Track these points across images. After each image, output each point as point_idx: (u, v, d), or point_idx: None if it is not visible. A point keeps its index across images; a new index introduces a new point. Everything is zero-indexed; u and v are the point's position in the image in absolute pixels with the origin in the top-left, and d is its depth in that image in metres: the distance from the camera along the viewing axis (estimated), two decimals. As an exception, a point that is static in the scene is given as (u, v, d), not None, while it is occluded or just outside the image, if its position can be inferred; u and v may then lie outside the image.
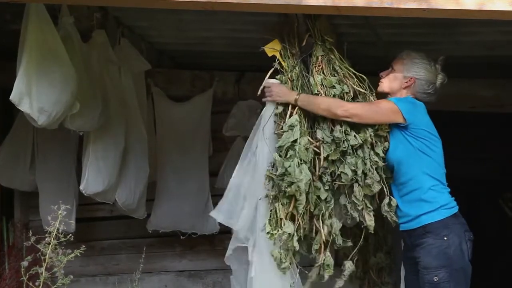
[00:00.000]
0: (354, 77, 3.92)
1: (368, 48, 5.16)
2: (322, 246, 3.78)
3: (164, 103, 5.67)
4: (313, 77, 3.94)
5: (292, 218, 3.74)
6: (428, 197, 3.80)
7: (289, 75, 3.94)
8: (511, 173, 7.65)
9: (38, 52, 3.89)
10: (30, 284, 3.64)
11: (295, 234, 3.71)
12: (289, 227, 3.70)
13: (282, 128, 3.82)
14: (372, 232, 3.87)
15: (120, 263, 6.01)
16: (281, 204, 3.73)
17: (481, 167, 8.33)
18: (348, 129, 3.79)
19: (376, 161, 3.78)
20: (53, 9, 4.10)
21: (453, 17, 3.59)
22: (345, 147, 3.76)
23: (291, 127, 3.78)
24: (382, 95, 4.07)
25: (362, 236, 3.95)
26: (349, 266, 3.87)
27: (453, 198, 3.87)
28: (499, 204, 8.30)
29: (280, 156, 3.74)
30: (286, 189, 3.68)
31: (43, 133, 5.12)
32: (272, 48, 3.93)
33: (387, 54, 4.09)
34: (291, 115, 3.83)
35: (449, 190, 3.88)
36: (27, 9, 3.89)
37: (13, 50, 3.97)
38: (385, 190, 3.81)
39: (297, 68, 3.93)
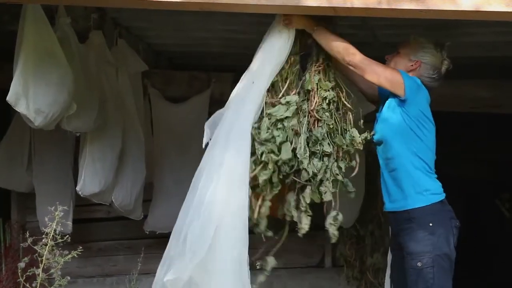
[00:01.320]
0: (343, 90, 3.91)
1: (366, 48, 5.15)
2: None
3: (161, 104, 5.66)
4: (309, 74, 3.91)
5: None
6: (415, 176, 3.78)
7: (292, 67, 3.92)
8: (510, 174, 7.66)
9: (35, 53, 3.89)
10: (27, 285, 3.64)
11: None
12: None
13: (276, 98, 3.77)
14: (301, 236, 3.81)
15: (117, 264, 6.00)
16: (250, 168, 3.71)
17: (480, 167, 8.33)
18: (326, 135, 3.78)
19: (336, 174, 3.76)
20: (50, 9, 4.09)
21: (450, 18, 3.59)
22: (318, 149, 3.75)
23: (288, 103, 3.74)
24: None
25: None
26: (270, 261, 3.84)
27: (441, 184, 3.85)
28: (496, 204, 8.30)
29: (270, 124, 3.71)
30: (265, 155, 3.65)
31: (40, 134, 5.11)
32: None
33: (384, 55, 4.08)
34: (287, 92, 3.78)
35: (436, 176, 3.85)
36: (24, 9, 3.89)
37: (10, 51, 3.97)
38: (333, 204, 3.78)
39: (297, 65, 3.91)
